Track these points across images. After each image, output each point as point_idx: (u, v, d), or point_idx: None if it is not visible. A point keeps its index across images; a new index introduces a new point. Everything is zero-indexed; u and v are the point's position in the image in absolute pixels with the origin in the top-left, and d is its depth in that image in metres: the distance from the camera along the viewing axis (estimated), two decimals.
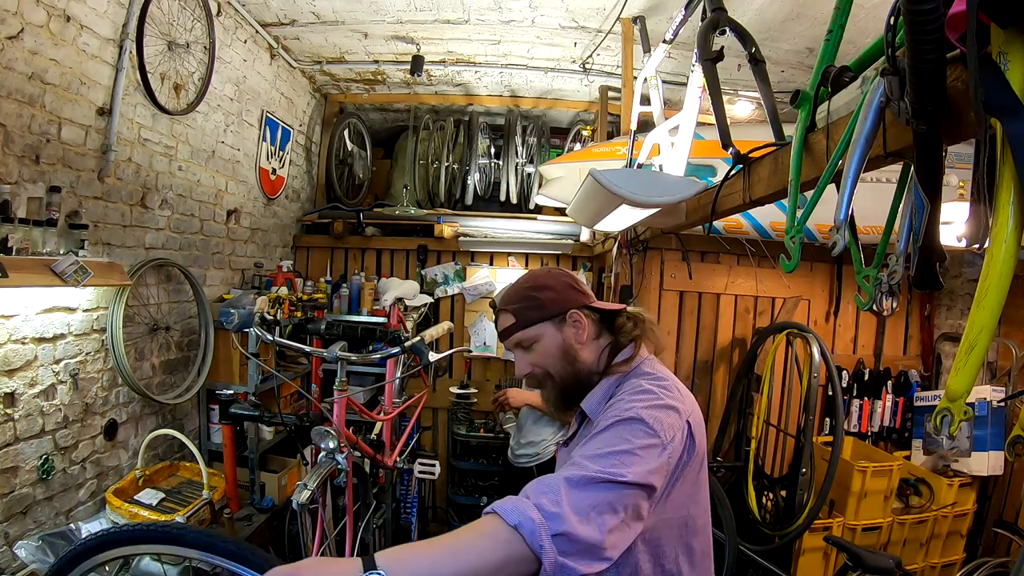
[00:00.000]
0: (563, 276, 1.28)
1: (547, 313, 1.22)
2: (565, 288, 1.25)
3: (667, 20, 2.94)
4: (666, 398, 1.08)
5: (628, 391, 1.12)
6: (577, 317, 1.22)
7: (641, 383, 1.13)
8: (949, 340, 3.46)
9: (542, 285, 1.25)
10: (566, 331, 1.22)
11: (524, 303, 1.24)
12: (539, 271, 1.33)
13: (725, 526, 2.55)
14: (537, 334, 1.23)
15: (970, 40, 0.72)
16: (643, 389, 1.10)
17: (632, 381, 1.15)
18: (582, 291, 1.27)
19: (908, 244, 1.12)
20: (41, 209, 2.00)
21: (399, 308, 4.01)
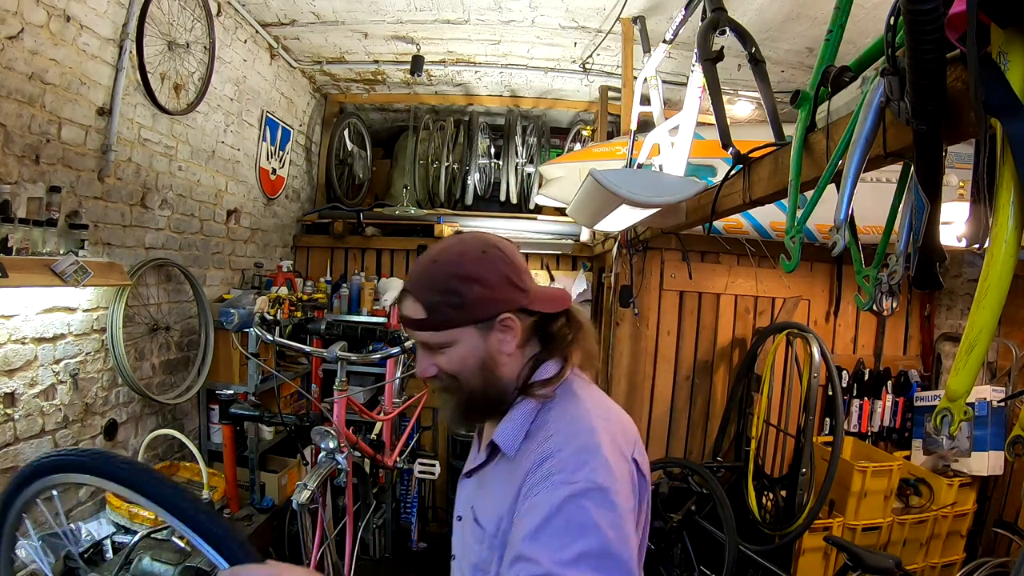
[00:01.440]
0: (501, 263, 0.96)
1: (472, 316, 0.94)
2: (502, 283, 0.95)
3: (667, 20, 2.94)
4: (606, 440, 0.86)
5: (563, 432, 0.88)
6: (510, 323, 0.95)
7: (578, 417, 0.90)
8: (949, 340, 3.46)
9: (472, 276, 0.93)
10: (492, 339, 0.95)
11: (443, 297, 0.94)
12: (470, 247, 0.97)
13: (725, 526, 2.55)
14: (453, 339, 0.95)
15: (970, 40, 0.72)
16: (584, 430, 0.88)
17: (563, 412, 0.93)
18: (521, 285, 0.97)
19: (908, 244, 1.12)
20: (41, 209, 2.00)
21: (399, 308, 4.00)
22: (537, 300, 0.98)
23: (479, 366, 0.96)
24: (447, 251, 0.97)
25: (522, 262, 1.01)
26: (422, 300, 0.95)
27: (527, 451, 0.91)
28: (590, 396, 0.97)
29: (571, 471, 0.82)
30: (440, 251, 0.98)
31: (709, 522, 2.68)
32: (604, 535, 0.77)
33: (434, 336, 0.96)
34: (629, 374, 3.27)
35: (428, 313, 0.94)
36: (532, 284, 1.00)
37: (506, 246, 1.00)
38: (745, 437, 3.13)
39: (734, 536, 2.53)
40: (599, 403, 0.96)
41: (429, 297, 0.94)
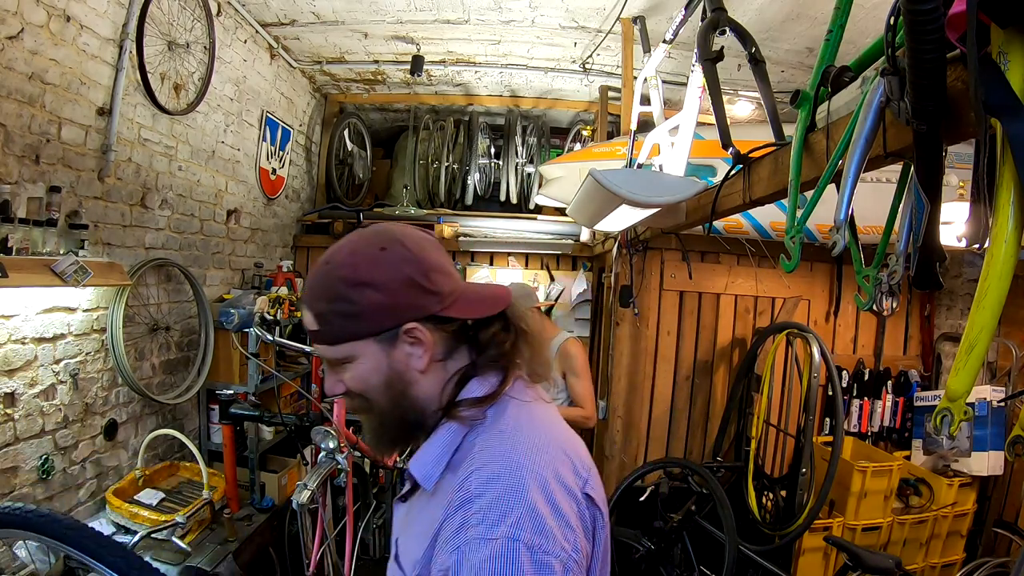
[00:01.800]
0: (404, 262, 0.80)
1: (369, 327, 0.79)
2: (403, 287, 0.79)
3: (667, 20, 2.94)
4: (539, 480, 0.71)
5: (485, 470, 0.73)
6: (418, 334, 0.80)
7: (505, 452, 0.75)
8: (949, 340, 3.46)
9: (365, 280, 0.78)
10: (397, 354, 0.81)
11: (333, 306, 0.80)
12: (366, 244, 0.81)
13: (725, 526, 2.55)
14: (351, 353, 0.81)
15: (970, 40, 0.72)
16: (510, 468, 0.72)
17: (488, 444, 0.77)
18: (431, 287, 0.80)
19: (908, 244, 1.12)
20: (41, 209, 2.00)
21: None
22: (457, 304, 0.82)
23: (385, 385, 0.82)
24: (340, 251, 0.82)
25: (437, 258, 0.83)
26: (312, 309, 0.81)
27: (448, 486, 0.76)
28: (528, 421, 0.80)
29: (490, 524, 0.67)
30: (334, 251, 0.83)
31: (709, 522, 2.68)
32: None
33: (329, 351, 0.83)
34: (629, 374, 3.27)
35: (319, 324, 0.81)
36: (450, 284, 0.83)
37: (414, 240, 0.83)
38: (745, 437, 3.13)
39: (734, 536, 2.53)
40: (538, 429, 0.80)
41: (319, 306, 0.81)
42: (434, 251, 0.84)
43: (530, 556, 0.66)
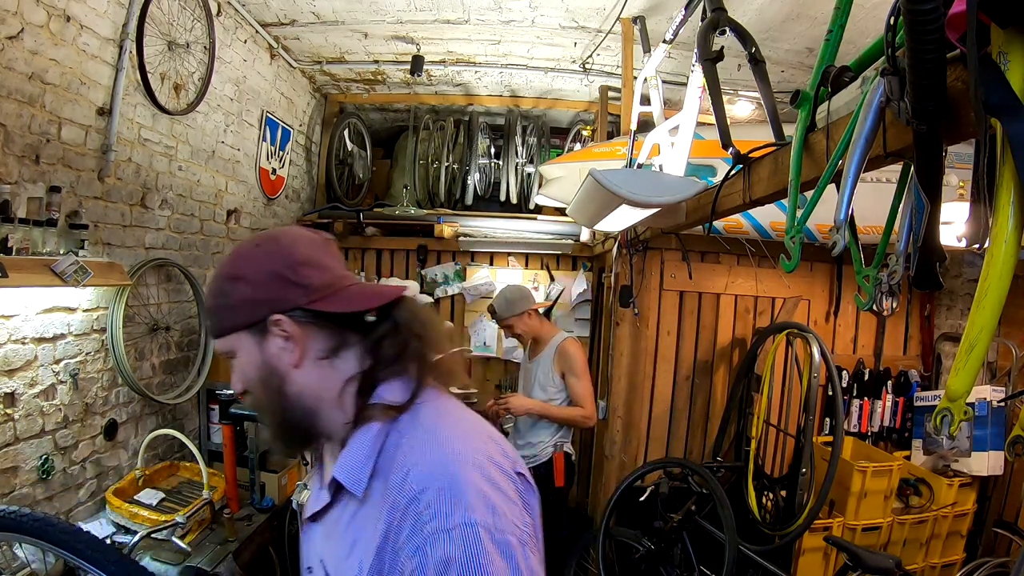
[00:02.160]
0: (273, 257, 0.82)
1: (239, 319, 0.82)
2: (268, 279, 0.81)
3: (667, 20, 2.94)
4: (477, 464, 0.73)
5: (422, 465, 0.73)
6: (285, 327, 0.80)
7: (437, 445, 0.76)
8: (949, 340, 3.46)
9: (237, 274, 0.82)
10: (268, 347, 0.82)
11: (215, 300, 0.84)
12: (248, 243, 0.86)
13: (725, 526, 2.55)
14: (231, 347, 0.84)
15: (970, 40, 0.72)
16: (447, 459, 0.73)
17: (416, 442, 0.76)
18: (298, 280, 0.81)
19: (908, 244, 1.12)
20: (41, 209, 2.00)
21: None
22: (331, 299, 0.81)
23: (260, 380, 0.83)
24: (230, 252, 0.87)
25: (310, 254, 0.84)
26: (205, 305, 0.89)
27: (382, 493, 0.75)
28: (447, 413, 0.82)
29: (444, 516, 0.68)
30: (233, 252, 0.88)
31: (709, 522, 2.68)
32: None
33: (217, 344, 0.86)
34: (629, 374, 3.27)
35: (208, 319, 0.89)
36: (323, 279, 0.82)
37: (291, 238, 0.85)
38: (745, 437, 3.13)
39: (734, 536, 2.53)
40: (458, 419, 0.81)
41: (208, 301, 0.87)
42: (310, 248, 0.85)
43: (490, 537, 0.67)
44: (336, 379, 0.82)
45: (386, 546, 0.73)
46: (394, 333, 0.83)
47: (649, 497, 2.86)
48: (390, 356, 0.82)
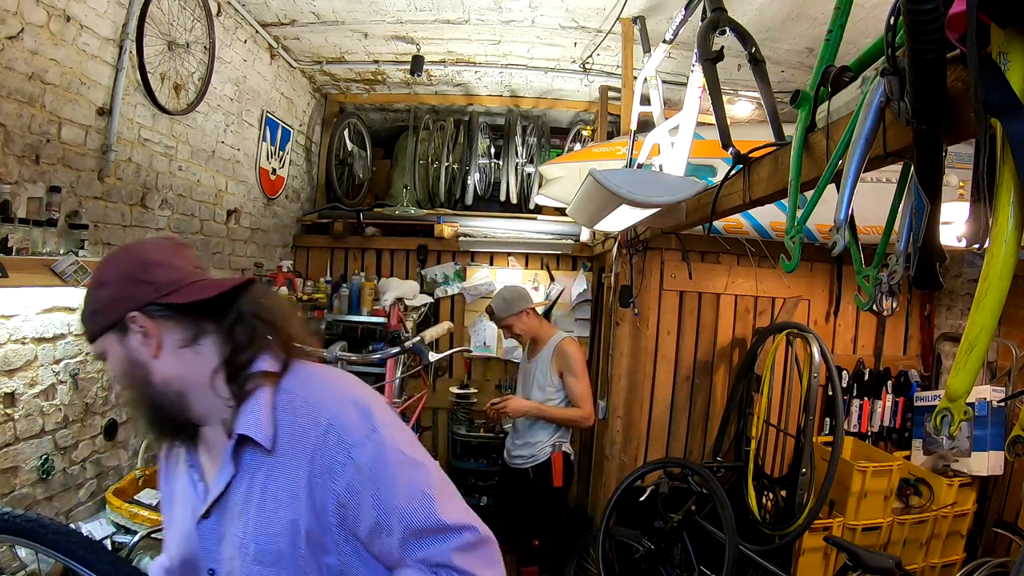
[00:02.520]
0: (127, 261, 0.92)
1: (103, 321, 0.90)
2: (125, 281, 0.90)
3: (667, 20, 2.94)
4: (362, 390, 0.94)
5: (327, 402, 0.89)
6: (141, 322, 0.89)
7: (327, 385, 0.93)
8: (949, 340, 3.45)
9: (99, 281, 0.92)
10: (130, 343, 0.90)
11: (87, 307, 0.94)
12: (110, 255, 0.97)
13: (725, 526, 2.55)
14: (102, 348, 0.92)
15: (970, 40, 0.72)
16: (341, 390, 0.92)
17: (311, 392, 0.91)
18: (148, 279, 0.90)
19: (908, 244, 1.12)
20: (41, 209, 2.00)
21: (399, 308, 4.01)
22: (179, 293, 0.90)
23: (127, 374, 0.91)
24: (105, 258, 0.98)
25: (159, 256, 0.93)
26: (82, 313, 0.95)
27: (290, 440, 0.87)
28: (324, 370, 0.97)
29: (358, 427, 0.86)
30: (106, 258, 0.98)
31: (709, 522, 2.68)
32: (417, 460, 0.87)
33: (91, 349, 0.94)
34: (629, 374, 3.27)
35: (85, 325, 0.94)
36: (171, 276, 0.91)
37: (141, 244, 0.98)
38: (745, 437, 3.13)
39: (734, 536, 2.53)
40: (335, 371, 0.98)
41: (83, 309, 0.94)
42: (158, 251, 0.95)
43: (401, 433, 0.89)
44: (202, 364, 0.90)
45: (315, 479, 0.85)
46: (244, 318, 0.91)
47: (649, 497, 2.86)
48: (246, 337, 0.91)
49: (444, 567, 0.84)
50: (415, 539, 0.84)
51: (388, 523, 0.84)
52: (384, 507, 0.84)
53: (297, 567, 0.86)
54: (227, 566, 0.90)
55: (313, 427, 0.86)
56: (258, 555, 0.87)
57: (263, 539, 0.87)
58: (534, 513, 3.05)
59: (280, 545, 0.86)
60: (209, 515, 0.91)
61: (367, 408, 0.89)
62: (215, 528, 0.91)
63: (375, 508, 0.84)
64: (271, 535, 0.86)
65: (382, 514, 0.84)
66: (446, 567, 0.84)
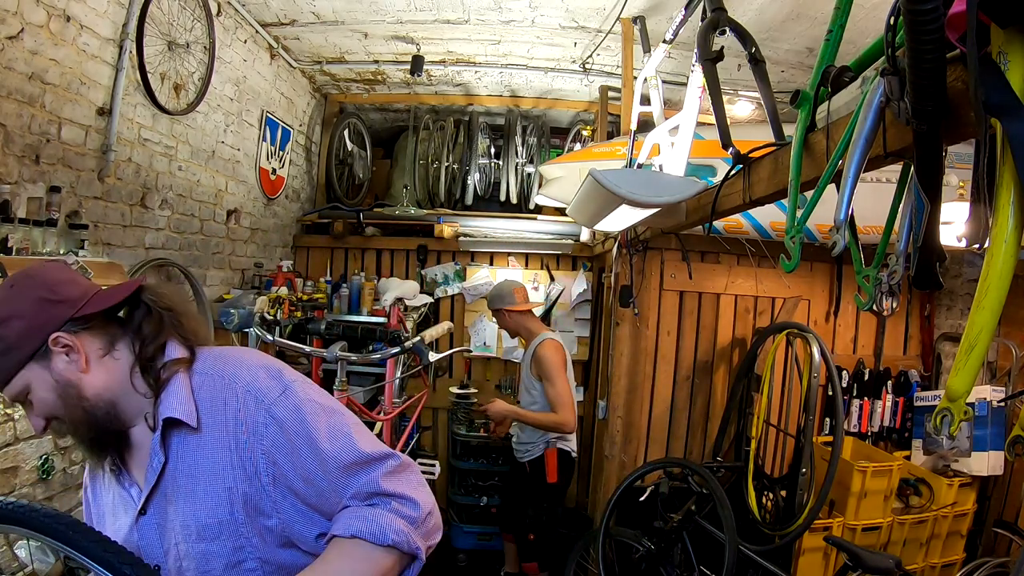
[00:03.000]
0: (32, 287, 0.91)
1: (23, 354, 0.88)
2: (36, 306, 0.89)
3: (667, 20, 2.94)
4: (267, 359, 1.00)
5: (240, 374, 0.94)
6: (64, 340, 0.89)
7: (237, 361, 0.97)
8: (949, 340, 3.45)
9: (7, 316, 0.88)
10: (56, 365, 0.89)
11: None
12: (4, 293, 0.91)
13: (725, 526, 2.55)
14: (23, 385, 0.89)
15: (970, 40, 0.72)
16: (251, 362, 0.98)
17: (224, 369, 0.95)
18: (60, 298, 0.91)
19: (908, 244, 1.12)
20: (41, 209, 2.00)
21: (399, 308, 4.01)
22: (90, 303, 0.93)
23: (60, 398, 0.90)
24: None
25: (60, 275, 0.95)
26: None
27: (212, 415, 0.91)
28: (231, 349, 1.02)
29: (271, 389, 0.92)
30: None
31: (709, 522, 2.68)
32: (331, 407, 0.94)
33: (8, 392, 0.90)
34: (629, 374, 3.27)
35: None
36: (78, 290, 0.93)
37: (37, 269, 0.95)
38: (745, 437, 3.13)
39: (734, 536, 2.53)
40: (242, 348, 1.05)
41: None
42: (58, 272, 0.96)
43: (311, 387, 0.96)
44: (121, 368, 0.93)
45: (241, 444, 0.90)
46: (147, 314, 0.96)
47: (649, 497, 2.86)
48: (152, 332, 0.95)
49: (376, 495, 0.88)
50: (345, 475, 0.88)
51: (317, 467, 0.89)
52: (311, 453, 0.89)
53: (239, 535, 0.90)
54: (172, 555, 0.92)
55: (232, 397, 0.92)
56: (200, 532, 0.90)
57: (203, 513, 0.90)
58: (528, 507, 3.09)
59: (220, 516, 0.90)
60: (146, 510, 0.93)
61: (277, 371, 0.96)
62: (154, 521, 0.93)
63: (303, 455, 0.89)
64: (210, 508, 0.90)
65: (310, 460, 0.89)
66: (378, 495, 0.88)
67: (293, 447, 0.89)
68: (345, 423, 0.93)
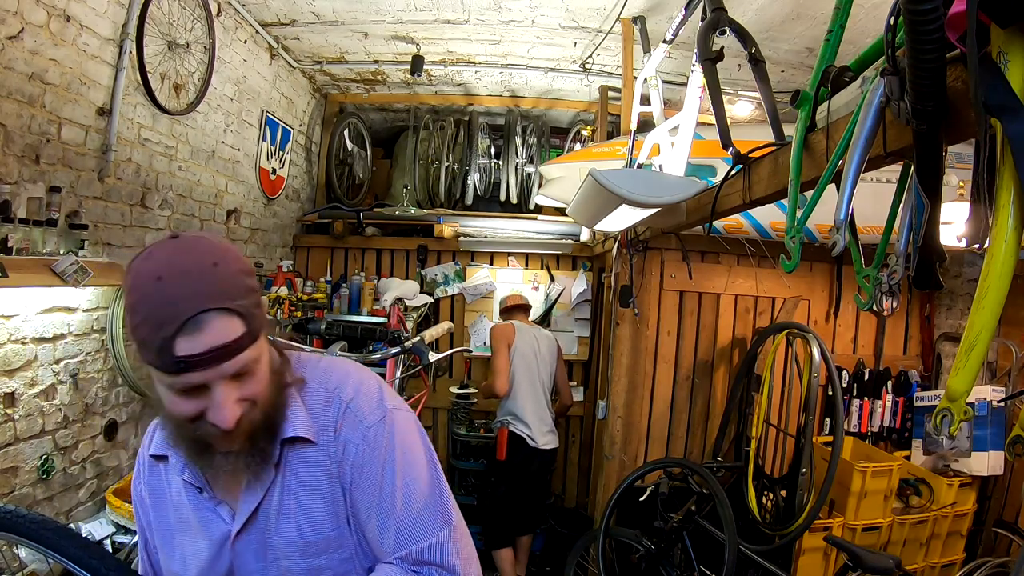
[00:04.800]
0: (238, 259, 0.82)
1: (264, 310, 0.84)
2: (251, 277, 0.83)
3: (667, 20, 2.94)
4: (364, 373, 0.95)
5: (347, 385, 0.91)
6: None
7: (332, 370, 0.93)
8: (949, 340, 3.45)
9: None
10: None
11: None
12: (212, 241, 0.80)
13: (725, 526, 2.55)
14: (256, 353, 0.79)
15: (970, 40, 0.72)
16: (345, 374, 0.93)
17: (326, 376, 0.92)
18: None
19: (908, 244, 1.12)
20: (41, 209, 2.00)
21: (399, 308, 4.01)
22: None
23: (267, 381, 0.82)
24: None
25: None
26: (236, 310, 0.75)
27: (321, 430, 0.88)
28: (311, 355, 0.97)
29: (372, 410, 0.88)
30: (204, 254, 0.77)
31: (709, 522, 2.68)
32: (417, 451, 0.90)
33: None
34: (629, 374, 3.27)
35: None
36: None
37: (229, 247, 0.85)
38: (745, 437, 3.12)
39: (734, 536, 2.53)
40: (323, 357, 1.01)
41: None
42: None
43: (404, 414, 0.92)
44: None
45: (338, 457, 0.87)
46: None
47: (649, 497, 2.86)
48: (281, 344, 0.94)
49: (426, 564, 0.84)
50: (403, 529, 0.85)
51: (384, 507, 0.85)
52: (385, 492, 0.85)
53: (345, 546, 0.88)
54: (272, 572, 0.87)
55: (332, 411, 0.88)
56: (306, 548, 0.86)
57: (309, 530, 0.86)
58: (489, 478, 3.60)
59: (328, 531, 0.86)
60: (245, 529, 0.87)
61: (378, 391, 0.92)
62: (252, 539, 0.87)
63: (376, 490, 0.86)
64: (316, 523, 0.86)
65: (381, 497, 0.85)
66: (428, 564, 0.85)
67: (372, 478, 0.86)
68: (426, 475, 0.89)
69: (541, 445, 3.36)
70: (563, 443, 4.21)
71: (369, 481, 0.86)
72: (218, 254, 0.77)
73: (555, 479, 4.31)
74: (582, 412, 4.38)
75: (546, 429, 3.42)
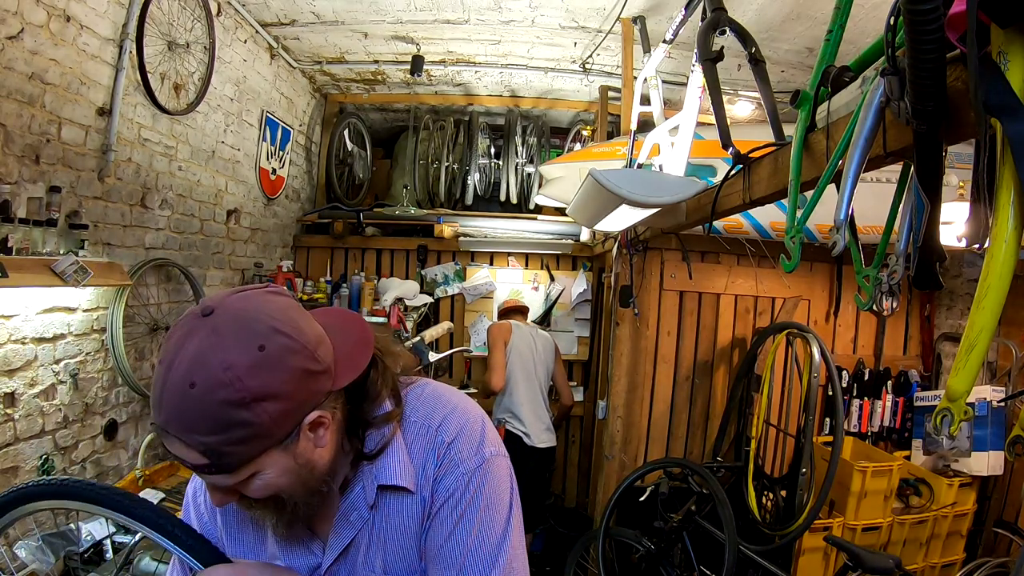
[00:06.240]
0: (291, 354, 0.70)
1: (270, 440, 0.70)
2: (299, 382, 0.70)
3: (667, 20, 2.94)
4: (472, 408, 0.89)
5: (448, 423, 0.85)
6: (322, 420, 0.75)
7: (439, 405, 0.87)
8: (949, 340, 3.45)
9: (256, 396, 0.66)
10: (301, 447, 0.74)
11: (224, 436, 0.66)
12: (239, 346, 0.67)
13: (725, 526, 2.55)
14: (254, 470, 0.71)
15: (970, 40, 0.72)
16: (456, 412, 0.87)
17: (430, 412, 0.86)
18: (321, 367, 0.73)
19: (908, 244, 1.12)
20: (41, 209, 2.00)
21: (399, 308, 4.01)
22: (339, 365, 0.77)
23: (296, 482, 0.75)
24: (204, 365, 0.65)
25: (310, 327, 0.75)
26: (194, 445, 0.67)
27: (419, 470, 0.84)
28: (434, 387, 0.91)
29: (472, 454, 0.83)
30: (193, 366, 0.66)
31: (709, 522, 2.68)
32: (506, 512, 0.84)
33: (228, 479, 0.71)
34: (629, 374, 3.27)
35: (210, 459, 0.68)
36: (328, 350, 0.76)
37: (284, 317, 0.71)
38: (745, 437, 3.12)
39: (734, 536, 2.53)
40: (443, 388, 0.92)
41: (203, 440, 0.66)
42: (303, 317, 0.75)
43: (500, 462, 0.86)
44: (339, 440, 0.80)
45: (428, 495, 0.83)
46: (375, 372, 0.83)
47: (649, 497, 2.86)
48: (376, 389, 0.83)
49: None
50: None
51: (442, 554, 0.81)
52: (454, 541, 0.81)
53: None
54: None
55: (433, 454, 0.83)
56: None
57: (396, 566, 0.84)
58: None
59: (413, 565, 0.84)
60: (335, 562, 0.84)
61: (480, 435, 0.85)
62: (340, 569, 0.85)
63: (445, 536, 0.81)
64: (404, 560, 0.84)
65: (446, 545, 0.81)
66: None
67: (446, 525, 0.81)
68: (499, 532, 0.83)
69: (537, 443, 3.37)
70: (563, 443, 4.22)
71: (443, 527, 0.82)
72: (202, 373, 0.65)
73: (555, 479, 4.31)
74: (582, 412, 4.38)
75: (543, 427, 3.43)
